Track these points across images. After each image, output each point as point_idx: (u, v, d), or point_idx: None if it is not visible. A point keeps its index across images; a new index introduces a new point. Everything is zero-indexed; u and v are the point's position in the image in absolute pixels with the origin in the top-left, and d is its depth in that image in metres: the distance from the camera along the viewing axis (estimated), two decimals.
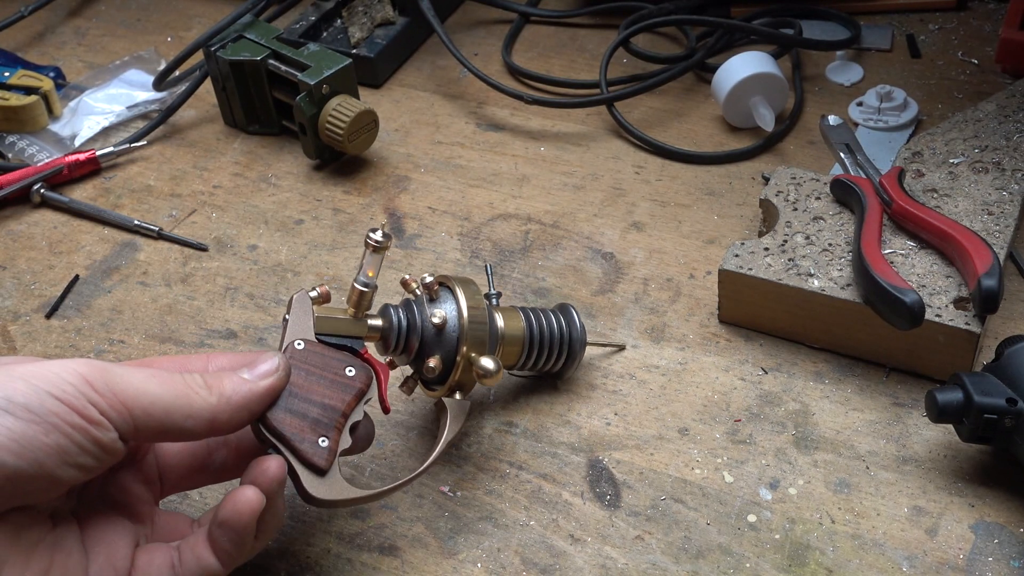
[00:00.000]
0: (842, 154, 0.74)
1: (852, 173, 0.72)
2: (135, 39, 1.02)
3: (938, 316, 0.61)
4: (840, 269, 0.65)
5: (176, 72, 0.91)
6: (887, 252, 0.66)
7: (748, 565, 0.56)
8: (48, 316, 0.73)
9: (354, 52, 0.91)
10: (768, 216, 0.72)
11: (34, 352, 0.71)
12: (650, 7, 0.95)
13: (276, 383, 0.51)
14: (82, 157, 0.84)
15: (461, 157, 0.85)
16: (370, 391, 0.55)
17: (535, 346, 0.62)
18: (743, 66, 0.82)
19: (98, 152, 0.85)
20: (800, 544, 0.57)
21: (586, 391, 0.66)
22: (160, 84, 0.90)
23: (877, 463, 0.60)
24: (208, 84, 0.89)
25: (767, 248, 0.67)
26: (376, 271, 0.56)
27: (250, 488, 0.49)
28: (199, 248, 0.78)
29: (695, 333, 0.69)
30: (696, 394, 0.65)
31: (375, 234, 0.56)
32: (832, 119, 0.76)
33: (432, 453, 0.56)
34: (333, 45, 0.93)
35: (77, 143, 0.88)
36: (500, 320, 0.61)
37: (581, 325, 0.64)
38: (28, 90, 0.88)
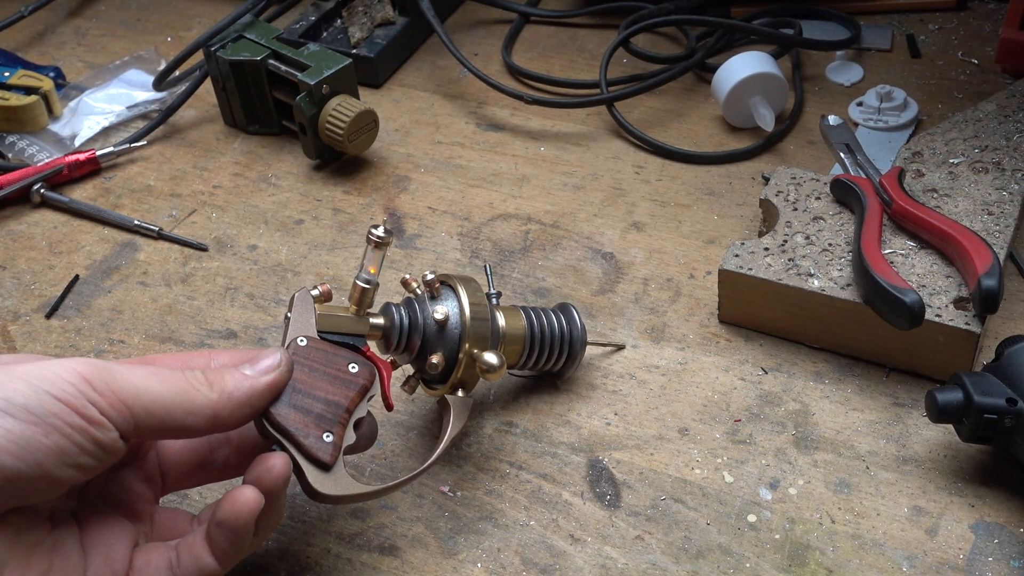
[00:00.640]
0: (842, 154, 0.74)
1: (852, 173, 0.72)
2: (135, 39, 1.02)
3: (938, 316, 0.61)
4: (840, 269, 0.65)
5: (176, 72, 0.91)
6: (887, 252, 0.66)
7: (748, 565, 0.56)
8: (48, 316, 0.73)
9: (354, 52, 0.91)
10: (768, 216, 0.72)
11: (34, 352, 0.71)
12: (650, 7, 0.95)
13: (278, 379, 0.51)
14: (82, 157, 0.84)
15: (461, 157, 0.85)
16: (373, 388, 0.54)
17: (536, 345, 0.62)
18: (743, 66, 0.82)
19: (98, 152, 0.85)
20: (800, 544, 0.57)
21: (586, 391, 0.66)
22: (160, 84, 0.90)
23: (877, 463, 0.60)
24: (208, 84, 0.89)
25: (767, 248, 0.67)
26: (378, 268, 0.56)
27: (249, 488, 0.49)
28: (199, 248, 0.78)
29: (695, 333, 0.69)
30: (696, 394, 0.65)
31: (377, 230, 0.56)
32: (832, 119, 0.76)
33: (436, 450, 0.56)
34: (333, 45, 0.93)
35: (77, 143, 0.88)
36: (501, 319, 0.61)
37: (581, 324, 0.64)
38: (28, 90, 0.88)
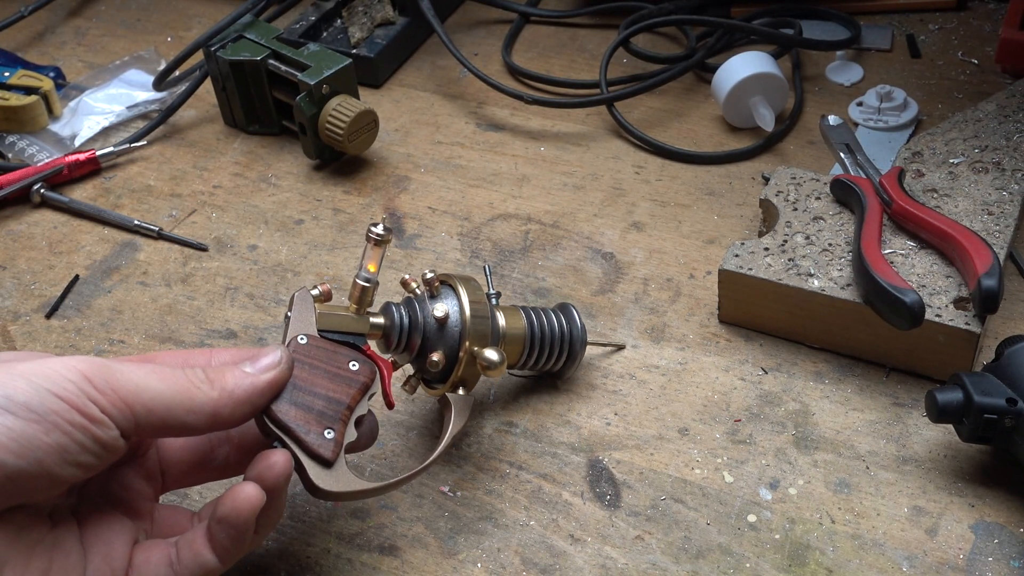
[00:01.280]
0: (842, 154, 0.74)
1: (852, 173, 0.72)
2: (135, 39, 1.02)
3: (938, 316, 0.61)
4: (840, 269, 0.65)
5: (176, 72, 0.91)
6: (887, 252, 0.66)
7: (748, 565, 0.56)
8: (48, 316, 0.73)
9: (354, 52, 0.91)
10: (768, 216, 0.72)
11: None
12: (650, 7, 0.95)
13: (279, 376, 0.51)
14: (82, 157, 0.84)
15: (461, 157, 0.85)
16: (374, 386, 0.54)
17: (536, 345, 0.62)
18: (743, 66, 0.82)
19: (98, 152, 0.85)
20: (800, 544, 0.57)
21: (586, 391, 0.66)
22: (160, 84, 0.90)
23: (877, 463, 0.60)
24: (208, 84, 0.89)
25: (767, 248, 0.67)
26: (378, 266, 0.56)
27: (250, 484, 0.48)
28: (199, 248, 0.78)
29: (695, 333, 0.69)
30: (696, 394, 0.65)
31: (376, 228, 0.56)
32: (832, 119, 0.76)
33: (438, 447, 0.56)
34: (333, 45, 0.93)
35: (77, 143, 0.88)
36: (501, 319, 0.61)
37: (582, 324, 0.64)
38: (28, 90, 0.88)
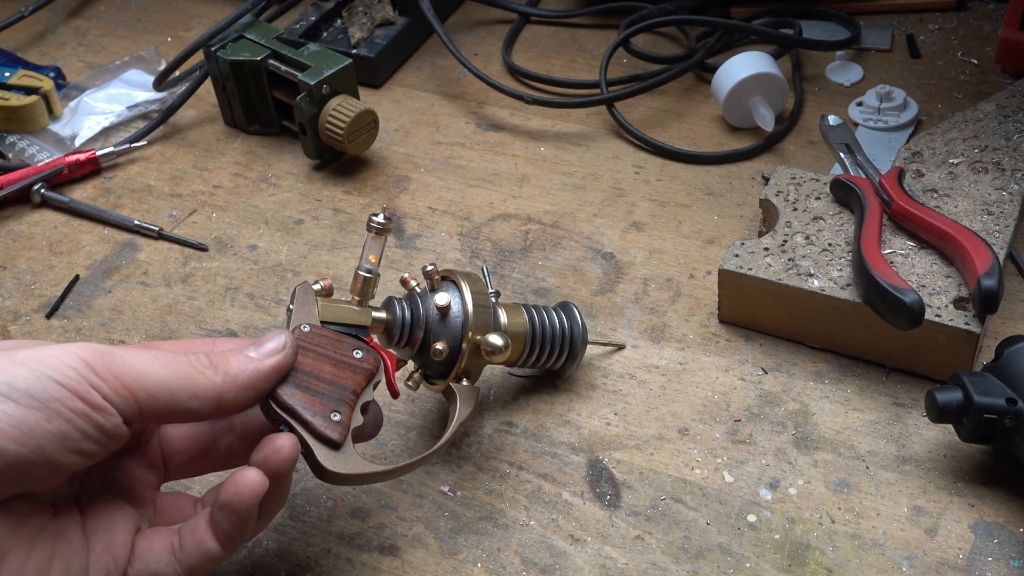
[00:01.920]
0: (842, 154, 0.74)
1: (852, 173, 0.72)
2: (135, 39, 1.02)
3: (938, 316, 0.61)
4: (840, 269, 0.65)
5: (176, 72, 0.91)
6: (887, 252, 0.66)
7: (748, 565, 0.56)
8: (48, 316, 0.73)
9: (354, 52, 0.91)
10: (768, 216, 0.72)
11: None
12: (650, 7, 0.95)
13: (283, 361, 0.50)
14: (82, 157, 0.84)
15: (461, 157, 0.85)
16: (378, 375, 0.54)
17: (537, 342, 0.62)
18: (743, 66, 0.82)
19: (98, 152, 0.85)
20: (800, 544, 0.57)
21: (586, 391, 0.66)
22: (160, 84, 0.90)
23: (877, 463, 0.60)
24: (208, 84, 0.89)
25: (767, 248, 0.67)
26: (379, 257, 0.56)
27: (252, 470, 0.48)
28: (199, 248, 0.78)
29: (695, 333, 0.69)
30: (696, 394, 0.65)
31: (377, 217, 0.56)
32: (832, 119, 0.76)
33: (444, 434, 0.56)
34: (333, 45, 0.93)
35: (77, 143, 0.88)
36: (503, 315, 0.61)
37: (582, 323, 0.64)
38: (28, 90, 0.88)
